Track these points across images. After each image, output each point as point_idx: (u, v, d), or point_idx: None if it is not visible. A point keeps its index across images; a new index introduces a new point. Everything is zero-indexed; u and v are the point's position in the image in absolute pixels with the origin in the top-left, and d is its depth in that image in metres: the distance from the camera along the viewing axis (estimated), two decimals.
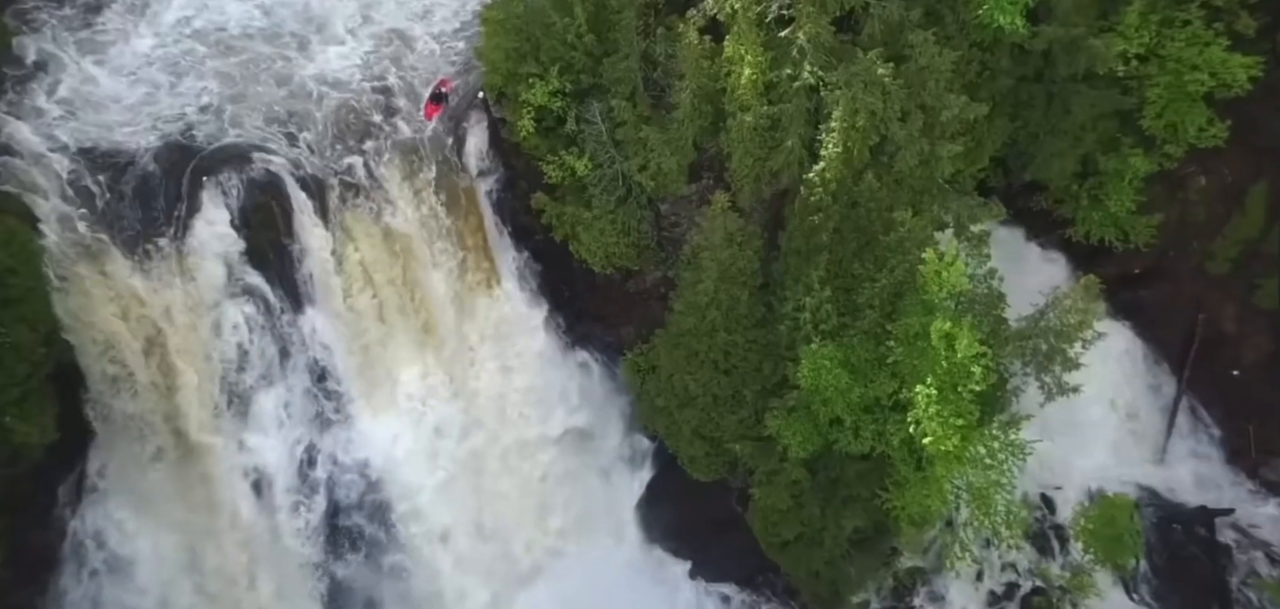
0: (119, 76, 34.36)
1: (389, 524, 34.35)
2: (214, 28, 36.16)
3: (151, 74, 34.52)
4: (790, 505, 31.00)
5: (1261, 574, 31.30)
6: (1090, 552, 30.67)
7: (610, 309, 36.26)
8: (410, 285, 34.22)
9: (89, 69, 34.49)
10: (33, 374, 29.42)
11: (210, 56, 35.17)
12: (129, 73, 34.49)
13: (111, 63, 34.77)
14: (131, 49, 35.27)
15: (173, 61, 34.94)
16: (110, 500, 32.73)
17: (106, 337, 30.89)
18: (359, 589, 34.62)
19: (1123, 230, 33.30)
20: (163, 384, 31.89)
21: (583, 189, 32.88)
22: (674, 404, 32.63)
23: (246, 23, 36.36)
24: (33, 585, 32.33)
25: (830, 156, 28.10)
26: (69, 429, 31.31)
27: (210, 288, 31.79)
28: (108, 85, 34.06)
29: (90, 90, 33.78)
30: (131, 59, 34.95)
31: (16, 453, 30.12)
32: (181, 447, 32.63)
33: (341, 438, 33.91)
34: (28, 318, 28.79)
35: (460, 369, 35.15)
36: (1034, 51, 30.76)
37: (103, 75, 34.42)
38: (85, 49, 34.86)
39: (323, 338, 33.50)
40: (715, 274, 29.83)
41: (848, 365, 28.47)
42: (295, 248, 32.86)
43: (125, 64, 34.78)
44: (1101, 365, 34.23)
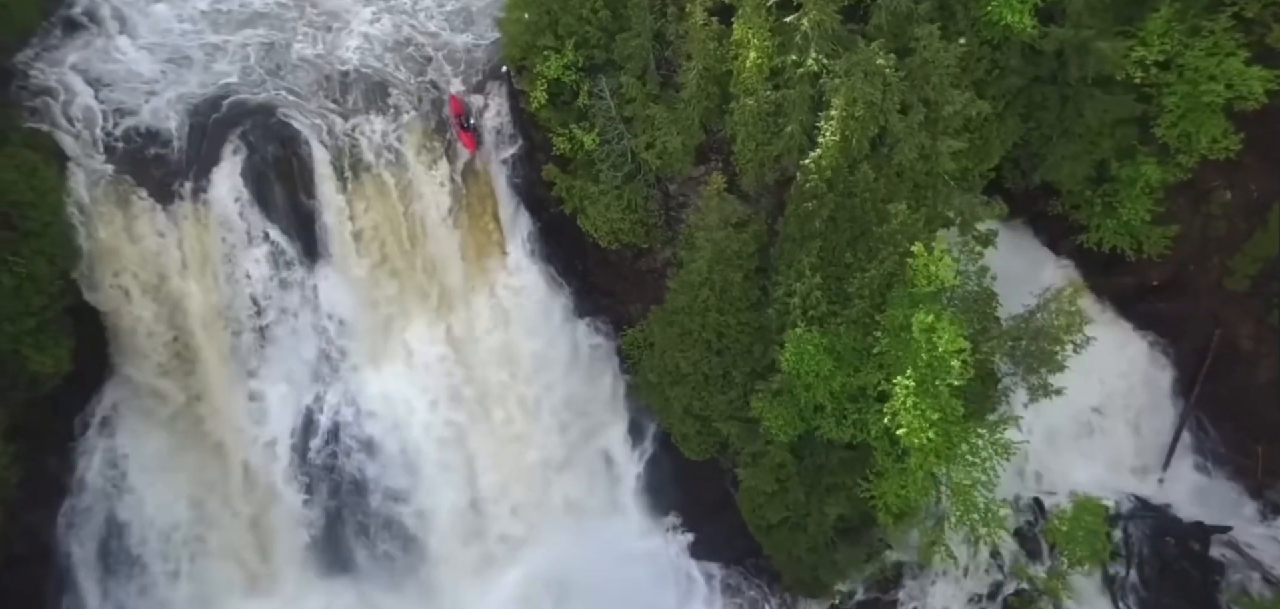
0: (156, 34, 35.93)
1: (386, 479, 35.43)
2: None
3: (187, 33, 35.98)
4: (775, 489, 31.50)
5: (1252, 594, 30.91)
6: (1065, 554, 30.68)
7: (619, 285, 36.97)
8: (420, 248, 35.16)
9: (133, 21, 36.10)
10: (49, 306, 31.16)
11: (243, 19, 36.47)
12: (165, 30, 36.05)
13: (151, 20, 36.33)
14: (171, 9, 36.74)
15: (208, 22, 36.34)
16: (121, 434, 34.35)
17: (123, 278, 32.45)
18: (353, 539, 35.88)
19: (1136, 239, 33.04)
20: (175, 328, 33.42)
21: (593, 163, 33.64)
22: (666, 381, 33.31)
23: None
24: (45, 509, 34.19)
25: (826, 144, 28.46)
26: (86, 364, 33.18)
27: (227, 237, 33.17)
28: (146, 40, 35.64)
29: (128, 43, 35.37)
30: (169, 17, 36.45)
31: (33, 381, 31.93)
32: (191, 390, 34.20)
33: (346, 391, 35.09)
34: (46, 252, 30.47)
35: (465, 333, 36.08)
36: (1047, 52, 30.63)
37: (143, 30, 36.03)
38: (130, 5, 36.39)
39: (334, 294, 34.67)
40: (709, 255, 30.39)
41: (833, 352, 28.90)
42: (312, 205, 34.06)
43: (163, 22, 36.32)
44: (1111, 374, 34.30)
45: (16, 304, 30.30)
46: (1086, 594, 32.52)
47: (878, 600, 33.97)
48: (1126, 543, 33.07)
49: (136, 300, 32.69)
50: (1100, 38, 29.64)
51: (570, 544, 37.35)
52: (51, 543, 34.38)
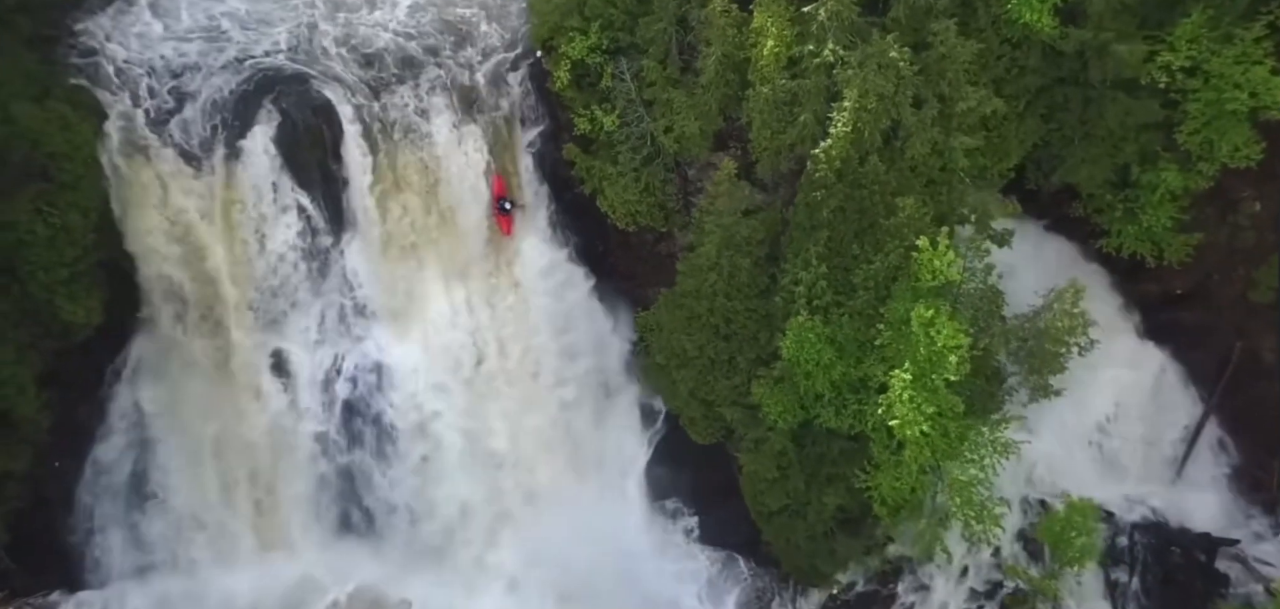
0: (199, 3, 37.18)
1: (401, 443, 36.56)
2: None
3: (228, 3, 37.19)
4: (776, 476, 31.97)
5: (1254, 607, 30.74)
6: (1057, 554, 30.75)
7: (639, 268, 37.66)
8: (444, 220, 36.10)
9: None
10: (82, 258, 32.65)
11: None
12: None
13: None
14: None
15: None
16: (147, 386, 35.82)
17: (154, 235, 33.88)
18: (366, 501, 37.13)
19: (1158, 246, 32.85)
20: (203, 287, 34.84)
21: (613, 145, 34.36)
22: (672, 364, 33.94)
23: None
24: (74, 454, 35.81)
25: (837, 135, 28.79)
26: (117, 316, 34.66)
27: (255, 201, 34.40)
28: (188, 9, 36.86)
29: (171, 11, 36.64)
30: None
31: (65, 330, 33.49)
32: (216, 347, 35.61)
33: (366, 354, 36.17)
34: (79, 204, 31.96)
35: (484, 306, 37.04)
36: (1068, 53, 30.61)
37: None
38: None
39: (357, 260, 35.78)
40: (718, 239, 30.93)
41: (834, 342, 29.30)
42: (340, 171, 35.17)
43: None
44: (1128, 381, 34.29)
45: (50, 254, 31.84)
46: (1087, 598, 32.56)
47: (877, 593, 34.33)
48: (1131, 550, 33.03)
49: (165, 257, 34.10)
50: (1120, 40, 29.53)
51: (577, 519, 38.10)
52: (79, 488, 36.06)
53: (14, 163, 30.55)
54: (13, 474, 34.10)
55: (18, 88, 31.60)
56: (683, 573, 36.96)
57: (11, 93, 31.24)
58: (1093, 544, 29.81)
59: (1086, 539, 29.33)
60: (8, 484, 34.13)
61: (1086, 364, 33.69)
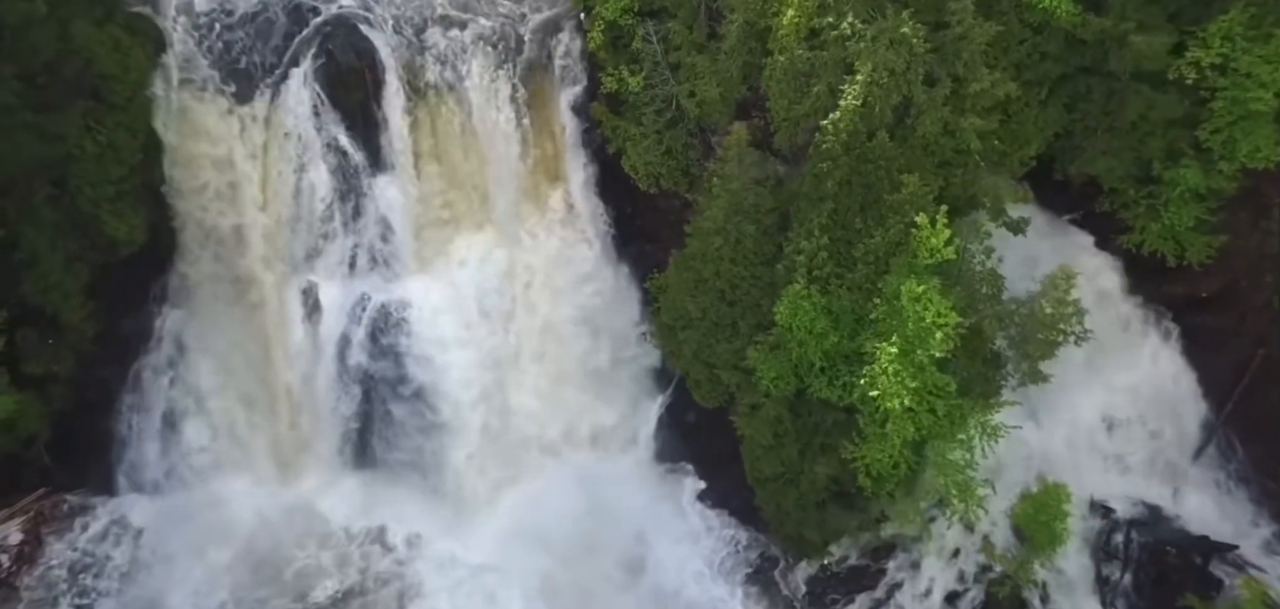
0: None
1: (420, 383, 38.18)
2: None
3: None
4: (771, 443, 32.79)
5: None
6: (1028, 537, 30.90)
7: (664, 232, 38.62)
8: (478, 169, 37.61)
9: None
10: (127, 178, 35.13)
11: None
12: None
13: None
14: None
15: None
16: (185, 309, 38.38)
17: (199, 164, 36.21)
18: (383, 435, 38.98)
19: (1179, 245, 32.68)
20: (241, 217, 37.05)
21: (638, 107, 35.32)
22: (678, 325, 34.94)
23: None
24: (116, 366, 38.46)
25: (846, 107, 29.48)
26: (159, 239, 37.08)
27: (298, 137, 36.41)
28: None
29: None
30: None
31: (110, 246, 36.01)
32: (249, 276, 37.85)
33: (392, 295, 37.92)
34: (127, 125, 34.42)
35: (511, 257, 38.48)
36: (1090, 42, 30.67)
37: None
38: None
39: (391, 202, 37.55)
40: (725, 204, 31.85)
41: (830, 313, 30.02)
42: (379, 115, 36.90)
43: None
44: (1143, 379, 34.25)
45: (98, 170, 34.36)
46: (1076, 591, 32.69)
47: (868, 568, 34.91)
48: (1126, 547, 33.01)
49: (207, 185, 36.44)
50: (1141, 32, 29.52)
51: (584, 472, 39.54)
52: (119, 398, 38.69)
53: (67, 77, 32.96)
54: (57, 376, 36.89)
55: (80, 7, 33.77)
56: (682, 534, 37.98)
57: (73, 11, 33.45)
58: (1064, 528, 29.96)
59: (1059, 523, 29.49)
60: (52, 385, 36.92)
61: (1102, 359, 34.03)
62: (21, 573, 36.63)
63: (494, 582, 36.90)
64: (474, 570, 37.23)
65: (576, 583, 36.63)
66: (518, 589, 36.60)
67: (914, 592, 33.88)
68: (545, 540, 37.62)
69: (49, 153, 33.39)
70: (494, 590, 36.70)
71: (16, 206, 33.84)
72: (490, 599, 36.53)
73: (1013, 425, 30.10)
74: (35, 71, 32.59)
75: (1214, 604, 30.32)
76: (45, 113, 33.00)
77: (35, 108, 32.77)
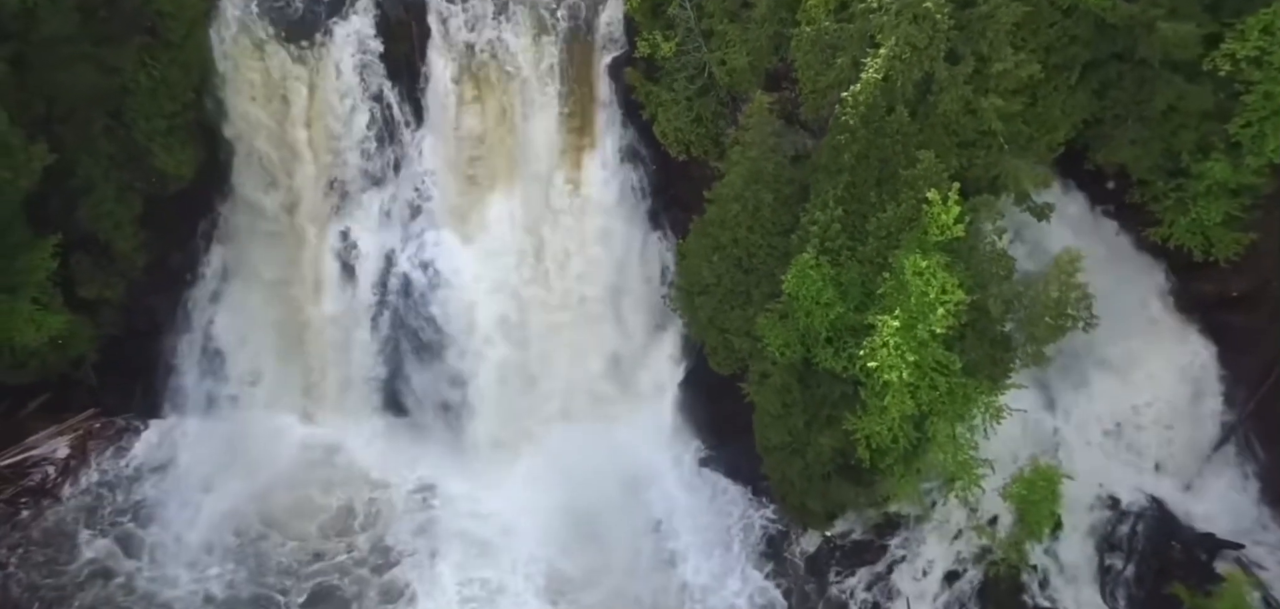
0: None
1: (448, 336, 39.61)
2: None
3: None
4: (779, 412, 33.27)
5: None
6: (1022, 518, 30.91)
7: (694, 200, 38.91)
8: (516, 129, 38.61)
9: None
10: (180, 114, 37.12)
11: None
12: None
13: None
14: None
15: None
16: (231, 245, 40.45)
17: (248, 106, 37.93)
18: (409, 384, 40.60)
19: (1207, 240, 32.31)
20: (286, 161, 38.82)
21: (671, 72, 36.00)
22: (694, 290, 35.48)
23: None
24: (164, 297, 40.67)
25: (866, 81, 29.77)
26: (209, 177, 39.03)
27: (345, 86, 37.92)
28: None
29: None
30: None
31: (161, 180, 38.05)
32: (290, 220, 39.69)
33: (425, 248, 39.30)
34: (181, 62, 36.30)
35: (544, 218, 39.39)
36: (1120, 27, 30.50)
37: None
38: None
39: (430, 156, 38.96)
40: (744, 171, 32.39)
41: (838, 284, 30.38)
42: (423, 70, 38.23)
43: None
44: (1165, 375, 34.00)
45: (151, 104, 36.35)
46: (1077, 579, 32.63)
47: (871, 543, 35.34)
48: (1131, 539, 32.84)
49: (256, 128, 38.20)
50: (1170, 19, 29.29)
51: (603, 433, 40.55)
52: (166, 327, 40.89)
53: (125, 12, 34.94)
54: (108, 301, 39.18)
55: None
56: (696, 499, 38.85)
57: None
58: (1053, 510, 29.95)
59: (1049, 505, 29.51)
60: (103, 309, 39.22)
61: (1126, 351, 33.98)
62: (65, 485, 39.04)
63: (504, 534, 38.22)
64: (487, 520, 38.60)
65: (589, 540, 37.77)
66: (528, 541, 37.88)
67: (913, 570, 34.25)
68: (560, 499, 38.69)
69: (105, 84, 35.41)
70: (503, 544, 37.98)
71: (74, 134, 35.91)
72: (499, 551, 37.74)
73: (1017, 408, 30.31)
74: (95, 5, 34.60)
75: (1199, 595, 30.11)
76: (103, 45, 35.00)
77: (94, 40, 34.78)
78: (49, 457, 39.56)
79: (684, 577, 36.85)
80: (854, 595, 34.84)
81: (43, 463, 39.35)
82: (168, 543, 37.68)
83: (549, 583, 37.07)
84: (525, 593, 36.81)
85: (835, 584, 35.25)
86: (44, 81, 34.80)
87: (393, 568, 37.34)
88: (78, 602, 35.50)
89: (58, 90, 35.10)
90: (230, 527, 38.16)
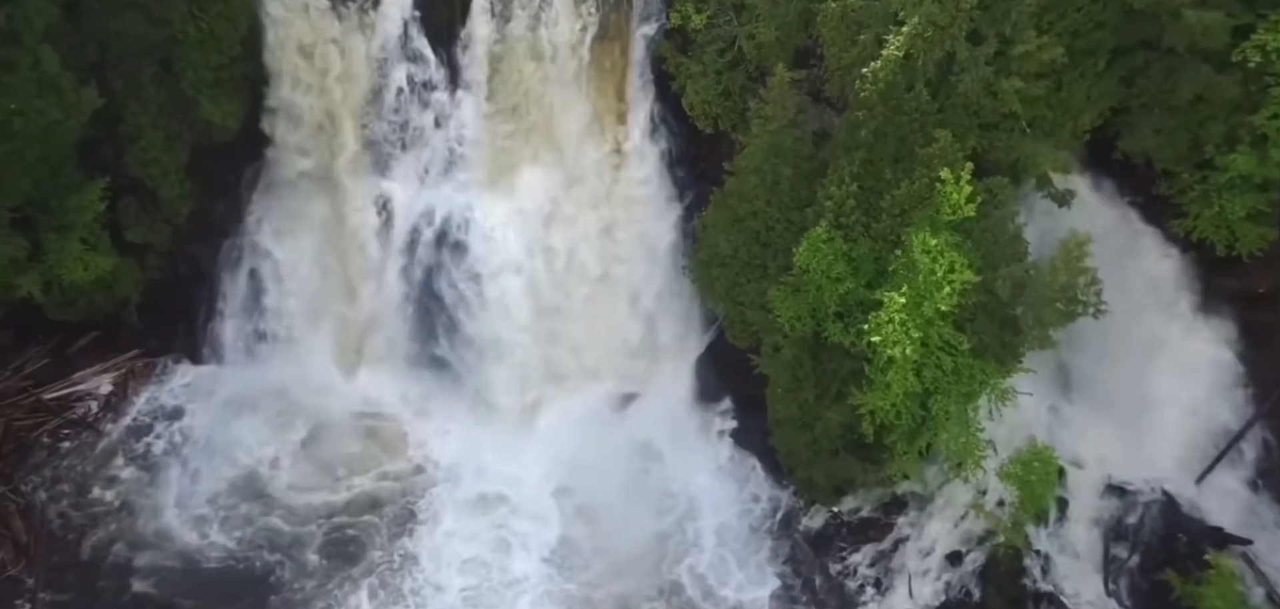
0: None
1: (476, 295, 40.62)
2: None
3: None
4: (790, 385, 33.68)
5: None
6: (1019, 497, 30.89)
7: (722, 174, 39.44)
8: (551, 96, 39.39)
9: None
10: (226, 67, 38.53)
11: None
12: None
13: None
14: None
15: None
16: (273, 197, 41.88)
17: (294, 62, 39.28)
18: (437, 339, 41.67)
19: (1231, 234, 32.00)
20: (327, 117, 40.18)
21: (702, 45, 36.52)
22: (712, 262, 35.94)
23: None
24: (207, 245, 42.31)
25: (886, 58, 30.03)
26: (253, 130, 40.46)
27: (387, 46, 39.08)
28: None
29: None
30: None
31: (207, 129, 39.47)
32: (333, 175, 41.02)
33: (458, 208, 40.33)
34: (228, 16, 37.72)
35: (573, 186, 40.23)
36: (1146, 14, 30.34)
37: None
38: None
39: (467, 119, 39.87)
40: (764, 144, 32.82)
41: (850, 259, 30.65)
42: (464, 33, 39.17)
43: None
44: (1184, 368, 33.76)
45: (199, 56, 37.81)
46: (1081, 565, 32.45)
47: (878, 521, 35.58)
48: (1138, 529, 32.59)
49: (299, 85, 39.53)
50: (1195, 7, 29.08)
51: (624, 401, 41.48)
52: (209, 273, 42.51)
53: None
54: (154, 246, 40.85)
55: None
56: (711, 469, 39.43)
57: None
58: (1050, 490, 29.93)
59: (1044, 486, 29.51)
60: (148, 253, 40.92)
61: (1145, 342, 33.74)
62: (106, 420, 40.82)
63: (518, 491, 39.18)
64: (504, 478, 39.58)
65: (601, 503, 38.56)
66: (542, 499, 38.82)
67: (918, 548, 34.46)
68: (577, 461, 39.65)
69: (154, 35, 36.93)
70: (518, 501, 38.89)
71: (124, 82, 37.60)
72: (513, 510, 38.63)
73: (1029, 393, 30.38)
74: None
75: (1191, 582, 29.93)
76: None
77: None
78: (93, 392, 41.41)
79: (692, 545, 37.35)
80: (857, 571, 35.20)
81: (87, 398, 41.24)
82: (193, 484, 39.09)
83: (556, 550, 37.64)
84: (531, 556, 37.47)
85: (839, 558, 35.70)
86: (96, 28, 36.57)
87: (405, 521, 38.30)
88: (101, 532, 37.15)
89: (109, 38, 36.82)
90: (256, 470, 39.50)
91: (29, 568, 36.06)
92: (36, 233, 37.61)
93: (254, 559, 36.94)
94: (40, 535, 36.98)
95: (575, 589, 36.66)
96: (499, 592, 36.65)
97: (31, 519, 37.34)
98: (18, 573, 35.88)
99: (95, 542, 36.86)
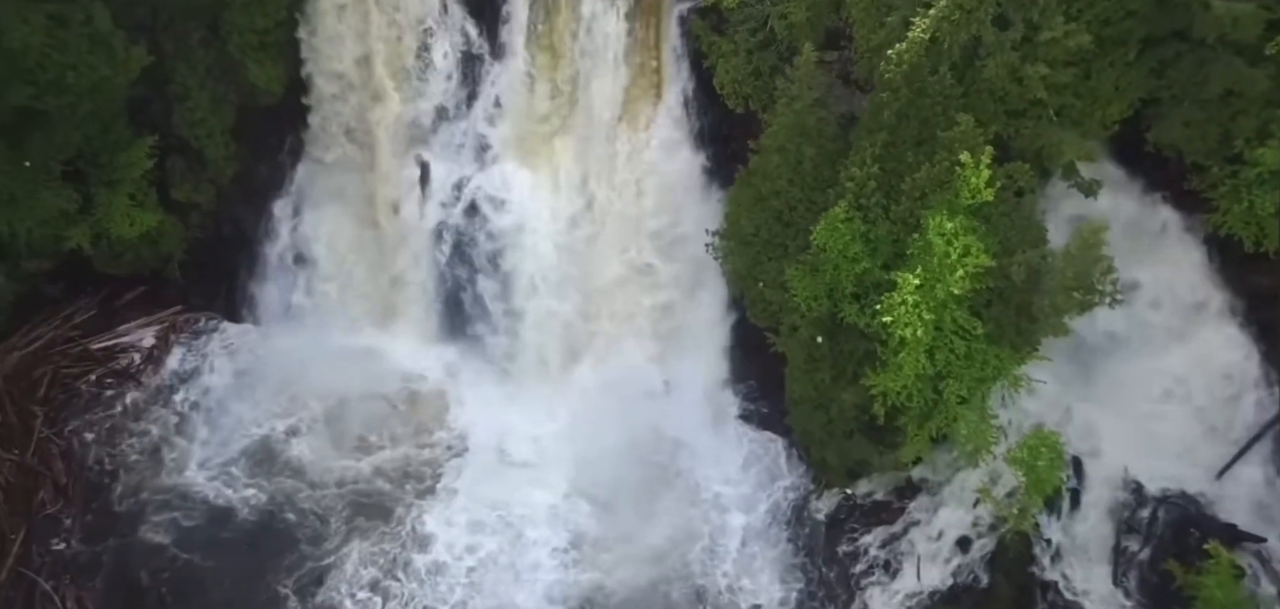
0: None
1: (507, 266, 41.65)
2: None
3: None
4: (806, 365, 33.88)
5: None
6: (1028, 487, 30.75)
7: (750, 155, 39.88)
8: (586, 71, 39.90)
9: None
10: (272, 31, 39.93)
11: None
12: None
13: None
14: None
15: None
16: (315, 162, 43.14)
17: (337, 31, 40.43)
18: (467, 310, 42.79)
19: (1260, 230, 31.56)
20: (369, 85, 41.15)
21: (734, 23, 36.81)
22: (735, 239, 36.20)
23: None
24: (250, 206, 43.54)
25: (911, 40, 30.07)
26: (297, 95, 41.59)
27: (428, 17, 39.92)
28: None
29: None
30: None
31: (252, 93, 40.67)
32: (373, 141, 42.05)
33: (491, 180, 41.22)
34: None
35: (607, 158, 40.57)
36: (1178, 5, 30.08)
37: None
38: None
39: (505, 92, 40.60)
40: (788, 122, 33.05)
41: (867, 240, 30.79)
42: (505, 7, 39.89)
43: None
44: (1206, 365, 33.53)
45: (245, 19, 39.14)
46: (1091, 557, 32.35)
47: (889, 505, 35.69)
48: (1151, 524, 32.34)
49: (344, 51, 40.58)
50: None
51: (643, 377, 41.75)
52: (250, 234, 43.78)
53: None
54: (198, 205, 42.30)
55: None
56: (729, 448, 39.94)
57: None
58: (1057, 476, 29.79)
59: (1051, 470, 29.38)
60: (192, 212, 42.38)
61: (1167, 336, 33.57)
62: (147, 371, 42.31)
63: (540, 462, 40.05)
64: (527, 442, 40.53)
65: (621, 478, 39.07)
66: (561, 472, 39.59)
67: (929, 532, 34.51)
68: (599, 434, 40.13)
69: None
70: (539, 472, 39.72)
71: (173, 43, 39.04)
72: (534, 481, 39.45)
73: (1040, 380, 30.38)
74: None
75: (1191, 571, 29.71)
76: None
77: None
78: (136, 345, 42.96)
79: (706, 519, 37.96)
80: (867, 552, 35.35)
81: (130, 350, 42.81)
82: (223, 442, 40.39)
83: (574, 530, 38.21)
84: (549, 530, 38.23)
85: (850, 540, 35.89)
86: None
87: (427, 490, 39.25)
88: (128, 480, 38.78)
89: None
90: (284, 433, 40.67)
91: (67, 508, 37.78)
92: (87, 187, 39.33)
93: (278, 517, 38.14)
94: (79, 478, 38.68)
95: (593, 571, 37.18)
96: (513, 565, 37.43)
97: (72, 462, 39.06)
98: (56, 512, 37.63)
99: (123, 487, 38.49)
